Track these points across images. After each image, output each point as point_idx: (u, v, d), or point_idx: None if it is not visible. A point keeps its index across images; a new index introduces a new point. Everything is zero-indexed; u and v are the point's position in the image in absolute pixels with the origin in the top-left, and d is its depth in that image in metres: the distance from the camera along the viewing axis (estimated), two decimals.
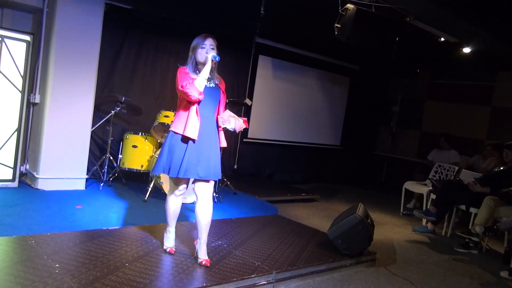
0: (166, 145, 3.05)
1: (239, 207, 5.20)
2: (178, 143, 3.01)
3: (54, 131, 4.82)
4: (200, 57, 3.07)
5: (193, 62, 3.11)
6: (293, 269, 3.34)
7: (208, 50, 3.05)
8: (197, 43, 3.10)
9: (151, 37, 5.89)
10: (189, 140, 2.99)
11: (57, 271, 2.72)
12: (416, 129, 8.88)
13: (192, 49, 3.12)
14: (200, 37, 3.12)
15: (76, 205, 4.40)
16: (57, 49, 4.73)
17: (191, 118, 2.99)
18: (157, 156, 5.08)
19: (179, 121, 3.04)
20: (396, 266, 4.04)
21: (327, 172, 8.58)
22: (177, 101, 3.17)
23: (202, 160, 3.01)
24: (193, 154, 2.99)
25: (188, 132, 2.97)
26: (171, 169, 2.99)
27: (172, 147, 3.01)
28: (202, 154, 3.02)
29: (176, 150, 3.00)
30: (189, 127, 2.97)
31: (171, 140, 3.04)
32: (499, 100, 7.72)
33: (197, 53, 3.08)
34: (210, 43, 3.08)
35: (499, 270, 4.21)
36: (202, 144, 3.03)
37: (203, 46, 3.07)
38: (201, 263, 3.10)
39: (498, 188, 4.92)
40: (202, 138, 3.02)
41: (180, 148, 3.00)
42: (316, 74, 8.02)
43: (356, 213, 3.81)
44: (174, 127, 3.04)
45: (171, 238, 3.33)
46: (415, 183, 6.47)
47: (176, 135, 3.02)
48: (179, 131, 3.00)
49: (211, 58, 3.02)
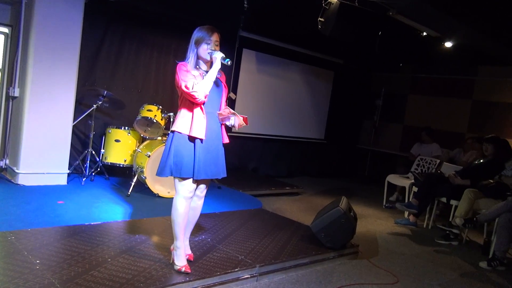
0: (172, 146, 2.81)
1: (223, 201, 5.20)
2: (185, 143, 2.80)
3: (35, 125, 4.73)
4: (203, 53, 2.81)
5: (195, 56, 2.83)
6: (276, 262, 3.36)
7: (212, 47, 2.81)
8: (201, 36, 2.80)
9: (134, 30, 5.81)
10: (196, 139, 2.80)
11: (37, 267, 2.69)
12: (399, 123, 8.97)
13: (195, 42, 2.81)
14: (205, 30, 2.81)
15: (58, 200, 4.34)
16: (37, 41, 4.64)
17: (196, 117, 2.78)
18: (143, 155, 5.04)
19: (183, 121, 2.81)
20: (378, 258, 4.10)
21: (311, 166, 8.62)
22: (178, 99, 2.92)
23: (210, 158, 2.86)
24: (201, 153, 2.81)
25: (195, 132, 2.77)
26: (183, 169, 2.78)
27: (179, 148, 2.80)
28: (210, 152, 2.87)
29: (184, 151, 2.79)
30: (195, 126, 2.77)
31: (176, 141, 2.81)
32: (479, 93, 7.84)
33: (200, 48, 2.81)
34: (216, 39, 2.82)
35: (478, 261, 4.30)
36: (209, 142, 2.86)
37: (209, 42, 2.80)
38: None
39: (477, 180, 5.01)
40: (209, 136, 2.85)
41: (188, 148, 2.80)
42: (300, 68, 8.03)
43: (339, 206, 3.84)
44: (179, 127, 2.80)
45: (182, 255, 2.95)
46: (397, 176, 6.56)
47: (180, 135, 2.80)
48: (185, 131, 2.79)
49: (220, 60, 2.78)
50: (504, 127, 7.32)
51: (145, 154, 4.90)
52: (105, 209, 4.26)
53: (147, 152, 4.88)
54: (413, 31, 5.93)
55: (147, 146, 5.10)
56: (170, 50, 6.21)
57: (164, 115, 5.17)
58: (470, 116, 7.91)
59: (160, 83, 6.19)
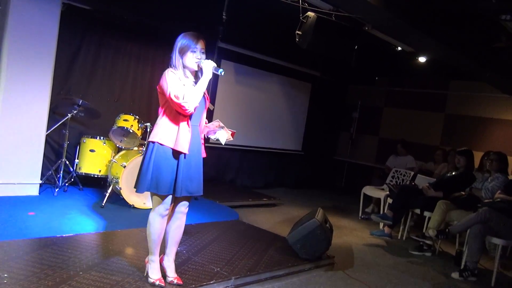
0: (151, 159, 2.65)
1: (200, 212, 5.16)
2: (167, 156, 2.66)
3: (6, 134, 4.61)
4: (189, 62, 2.67)
5: (181, 66, 2.68)
6: (252, 274, 3.34)
7: (199, 56, 2.68)
8: (187, 44, 2.65)
9: (111, 38, 5.75)
10: (179, 154, 2.67)
11: (5, 281, 2.60)
12: (374, 135, 9.12)
13: (180, 50, 2.66)
14: (190, 37, 2.66)
15: (29, 211, 4.21)
16: (10, 48, 4.54)
17: (182, 130, 2.64)
18: (118, 166, 4.96)
19: (166, 132, 2.66)
20: (354, 269, 4.12)
21: (288, 177, 8.65)
22: (159, 107, 2.76)
23: (191, 174, 2.74)
24: (184, 169, 2.68)
25: (180, 146, 2.63)
26: (160, 186, 2.64)
27: (159, 162, 2.65)
28: (191, 168, 2.74)
29: (164, 166, 2.65)
30: (181, 140, 2.63)
31: (157, 154, 2.65)
32: (452, 107, 8.06)
33: (185, 56, 2.66)
34: (202, 47, 2.69)
35: (451, 272, 4.39)
36: (191, 157, 2.73)
37: (195, 50, 2.66)
38: (172, 282, 2.88)
39: (450, 192, 5.13)
40: (191, 150, 2.71)
41: (169, 163, 2.66)
42: (278, 79, 8.09)
43: (315, 217, 3.86)
44: (160, 139, 2.65)
45: (157, 268, 2.88)
46: (373, 188, 6.64)
47: (163, 147, 2.65)
48: (169, 144, 2.64)
49: (212, 70, 2.65)
50: (474, 140, 7.53)
51: (120, 164, 4.83)
52: (78, 221, 4.17)
53: (122, 163, 4.81)
54: (388, 46, 6.08)
55: (123, 156, 5.03)
56: (148, 59, 6.17)
57: (141, 125, 5.12)
58: (443, 129, 8.11)
59: (137, 92, 6.13)
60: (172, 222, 2.92)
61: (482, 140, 7.52)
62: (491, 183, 4.84)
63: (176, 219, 2.92)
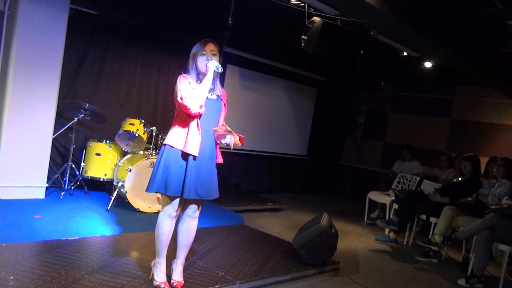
0: (162, 160, 2.75)
1: (205, 216, 5.15)
2: (176, 159, 2.74)
3: (13, 137, 4.64)
4: (201, 65, 2.80)
5: (195, 71, 2.82)
6: (257, 279, 3.34)
7: (209, 57, 2.79)
8: (196, 50, 2.82)
9: (117, 43, 5.79)
10: (188, 156, 2.74)
11: (11, 283, 2.61)
12: (380, 140, 9.09)
13: (192, 57, 2.83)
14: (199, 43, 2.84)
15: (35, 214, 4.23)
16: (18, 53, 4.58)
17: (191, 132, 2.72)
18: (124, 170, 4.98)
19: (177, 135, 2.76)
20: (359, 275, 4.10)
21: (293, 182, 8.64)
22: (174, 112, 2.87)
23: (202, 178, 2.78)
24: (193, 171, 2.74)
25: (189, 148, 2.70)
26: (169, 187, 2.71)
27: (168, 163, 2.73)
28: (202, 171, 2.78)
29: (174, 167, 2.73)
30: (190, 142, 2.71)
31: (167, 155, 2.75)
32: (458, 113, 8.02)
33: (197, 61, 2.80)
34: (211, 49, 2.81)
35: (457, 278, 4.35)
36: (202, 160, 2.78)
37: (203, 53, 2.80)
38: (173, 284, 2.91)
39: (456, 198, 5.10)
40: (202, 154, 2.77)
41: (179, 165, 2.73)
42: (284, 84, 8.10)
43: (320, 223, 3.85)
44: (171, 141, 2.75)
45: (163, 271, 2.90)
46: (378, 193, 6.62)
47: (173, 149, 2.74)
48: (178, 146, 2.73)
49: (213, 68, 2.75)
50: (480, 146, 7.49)
51: (126, 168, 4.84)
52: (84, 224, 4.18)
53: (128, 166, 4.83)
54: (394, 51, 6.07)
55: (129, 160, 5.05)
56: (154, 64, 6.20)
57: (147, 130, 5.14)
58: (449, 135, 8.07)
59: (143, 97, 6.16)
60: (181, 225, 2.95)
61: (488, 145, 7.48)
62: (498, 189, 4.81)
63: (184, 222, 2.94)
